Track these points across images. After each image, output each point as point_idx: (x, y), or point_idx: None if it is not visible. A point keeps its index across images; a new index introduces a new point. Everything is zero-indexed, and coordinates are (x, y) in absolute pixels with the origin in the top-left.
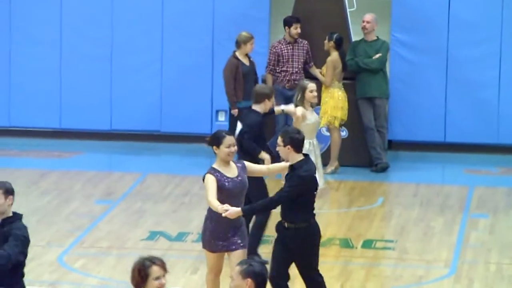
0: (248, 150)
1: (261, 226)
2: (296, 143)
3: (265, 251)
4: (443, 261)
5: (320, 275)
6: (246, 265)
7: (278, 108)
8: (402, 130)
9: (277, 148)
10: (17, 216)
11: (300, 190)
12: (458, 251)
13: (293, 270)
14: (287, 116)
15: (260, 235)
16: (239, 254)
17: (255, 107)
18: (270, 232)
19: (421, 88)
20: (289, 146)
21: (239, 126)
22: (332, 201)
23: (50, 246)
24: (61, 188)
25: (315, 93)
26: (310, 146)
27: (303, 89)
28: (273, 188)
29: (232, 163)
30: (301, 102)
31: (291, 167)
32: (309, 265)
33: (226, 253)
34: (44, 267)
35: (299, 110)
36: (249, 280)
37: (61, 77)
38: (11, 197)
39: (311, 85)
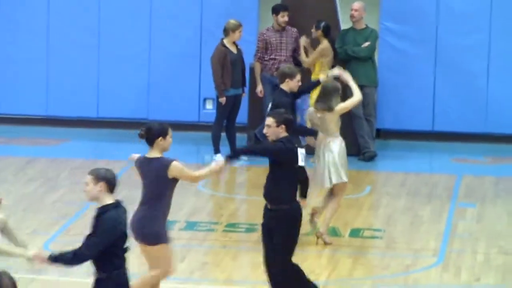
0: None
1: None
2: (290, 123)
3: (252, 239)
4: (431, 250)
5: (290, 270)
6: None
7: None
8: (391, 119)
9: (266, 130)
10: (108, 207)
11: (278, 153)
12: (446, 240)
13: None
14: None
15: None
16: None
17: (282, 86)
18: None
19: (410, 77)
20: (282, 126)
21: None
22: (320, 190)
23: (36, 234)
24: (47, 175)
25: None
26: (343, 142)
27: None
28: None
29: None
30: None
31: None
32: (277, 251)
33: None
34: None
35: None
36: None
37: (48, 64)
38: (102, 183)
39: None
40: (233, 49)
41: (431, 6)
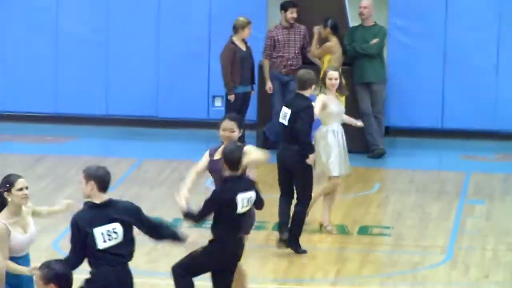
0: (301, 134)
1: (304, 216)
2: (230, 162)
3: (261, 237)
4: (439, 247)
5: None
6: (47, 269)
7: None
8: (399, 116)
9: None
10: (84, 206)
11: (214, 205)
12: (454, 237)
13: None
14: (283, 99)
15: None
16: None
17: (302, 92)
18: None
19: (419, 74)
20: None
21: (285, 111)
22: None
23: (46, 231)
24: (56, 173)
25: (334, 81)
26: (332, 134)
27: (324, 76)
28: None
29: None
30: (323, 89)
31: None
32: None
33: None
34: (39, 252)
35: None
36: (52, 285)
37: (57, 62)
38: (91, 182)
39: (331, 73)
40: (242, 47)
41: (439, 3)
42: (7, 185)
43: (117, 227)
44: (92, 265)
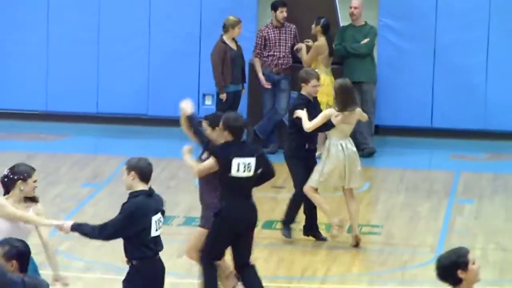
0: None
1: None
2: (234, 129)
3: None
4: (429, 246)
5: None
6: (9, 247)
7: None
8: (389, 115)
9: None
10: (138, 193)
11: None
12: (444, 236)
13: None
14: (274, 100)
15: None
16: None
17: (301, 91)
18: None
19: (409, 73)
20: (227, 132)
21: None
22: None
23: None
24: (47, 171)
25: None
26: (339, 148)
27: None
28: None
29: None
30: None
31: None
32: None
33: None
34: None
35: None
36: (14, 261)
37: (48, 60)
38: (133, 172)
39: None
40: (233, 46)
41: (430, 3)
42: (25, 174)
43: (161, 218)
44: (136, 254)
